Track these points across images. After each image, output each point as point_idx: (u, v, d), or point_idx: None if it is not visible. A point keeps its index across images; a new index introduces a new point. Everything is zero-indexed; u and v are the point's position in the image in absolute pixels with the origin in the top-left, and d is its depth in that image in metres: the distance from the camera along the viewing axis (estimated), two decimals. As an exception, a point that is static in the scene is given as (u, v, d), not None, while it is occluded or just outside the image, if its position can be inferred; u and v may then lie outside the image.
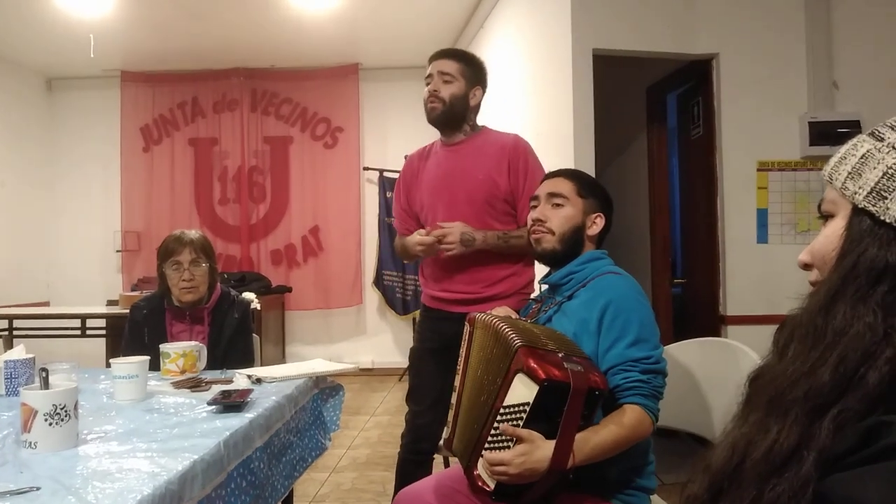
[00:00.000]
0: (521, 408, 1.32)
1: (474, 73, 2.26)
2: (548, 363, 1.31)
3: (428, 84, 2.24)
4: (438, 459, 2.60)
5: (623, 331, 1.48)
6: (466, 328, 1.64)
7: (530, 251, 2.22)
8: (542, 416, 1.31)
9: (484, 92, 2.29)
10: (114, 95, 6.32)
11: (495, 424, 1.35)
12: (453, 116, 2.22)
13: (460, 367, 1.63)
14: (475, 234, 2.11)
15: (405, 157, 2.45)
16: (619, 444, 1.40)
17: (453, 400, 1.63)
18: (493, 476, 1.34)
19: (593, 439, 1.36)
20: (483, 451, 1.38)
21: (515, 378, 1.32)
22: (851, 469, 0.62)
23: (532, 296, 2.04)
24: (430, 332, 2.29)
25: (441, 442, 2.24)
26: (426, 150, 2.37)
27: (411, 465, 2.24)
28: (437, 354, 2.20)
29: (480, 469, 1.39)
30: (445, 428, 1.66)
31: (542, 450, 1.30)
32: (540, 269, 2.25)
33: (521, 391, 1.32)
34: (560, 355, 1.35)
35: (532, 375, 1.29)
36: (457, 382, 1.62)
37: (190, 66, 6.24)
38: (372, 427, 4.47)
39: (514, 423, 1.33)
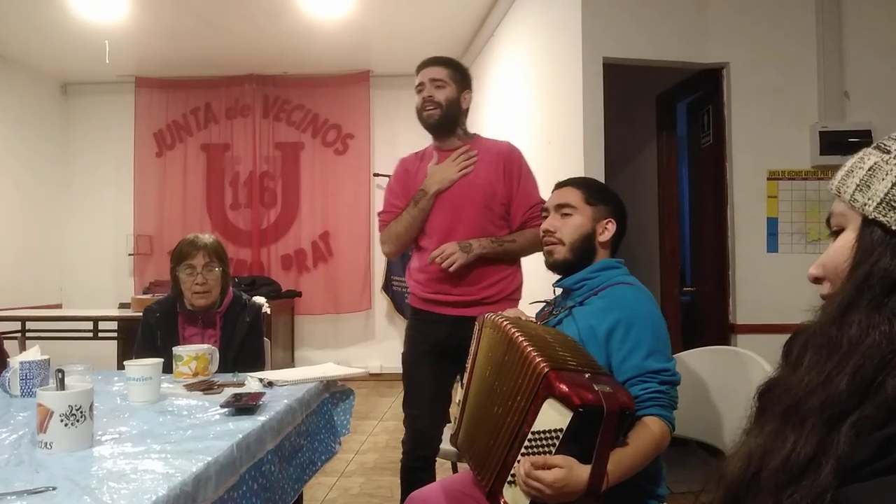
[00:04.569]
0: (554, 434, 1.29)
1: (462, 77, 2.34)
2: (578, 386, 1.27)
3: (420, 92, 2.30)
4: (445, 465, 2.60)
5: (638, 342, 1.48)
6: (476, 327, 1.67)
7: (522, 254, 2.29)
8: (574, 439, 1.28)
9: (471, 96, 2.36)
10: (128, 101, 6.39)
11: (522, 450, 1.32)
12: (449, 120, 2.29)
13: (469, 365, 1.64)
14: (471, 242, 2.18)
15: (400, 159, 2.49)
16: (647, 458, 1.40)
17: (460, 397, 1.64)
18: (528, 493, 1.31)
19: (625, 459, 1.35)
20: (510, 477, 1.34)
21: (545, 403, 1.29)
22: (867, 480, 0.62)
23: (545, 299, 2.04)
24: (422, 335, 2.30)
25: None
26: (420, 153, 2.43)
27: (415, 471, 2.23)
28: (430, 357, 2.26)
29: (507, 496, 1.36)
30: (452, 424, 1.66)
31: (578, 474, 1.28)
32: (536, 272, 2.27)
33: (552, 416, 1.29)
34: (587, 375, 1.32)
35: (566, 401, 1.26)
36: (465, 379, 1.64)
37: (203, 73, 6.31)
38: (380, 432, 4.48)
39: (546, 448, 1.30)
